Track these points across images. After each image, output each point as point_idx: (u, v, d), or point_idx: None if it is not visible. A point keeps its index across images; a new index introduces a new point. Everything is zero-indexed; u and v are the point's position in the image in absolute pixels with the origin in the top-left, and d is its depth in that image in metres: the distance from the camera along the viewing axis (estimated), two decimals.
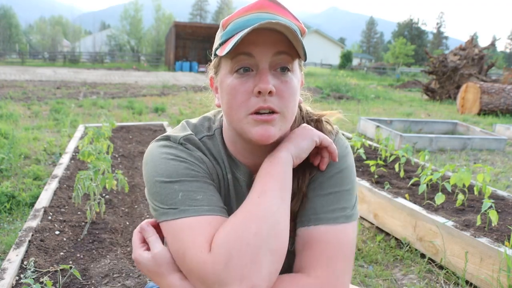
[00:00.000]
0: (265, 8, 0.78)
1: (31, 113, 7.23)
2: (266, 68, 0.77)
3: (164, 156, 0.83)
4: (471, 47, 13.82)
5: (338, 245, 0.80)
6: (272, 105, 0.77)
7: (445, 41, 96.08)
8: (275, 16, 0.78)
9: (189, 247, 0.74)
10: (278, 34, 0.76)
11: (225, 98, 0.81)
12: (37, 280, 1.82)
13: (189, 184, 0.80)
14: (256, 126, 0.78)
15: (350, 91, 14.05)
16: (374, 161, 3.44)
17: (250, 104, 0.77)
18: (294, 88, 0.81)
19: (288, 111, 0.80)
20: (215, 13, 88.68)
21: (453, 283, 2.15)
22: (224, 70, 0.82)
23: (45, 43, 52.61)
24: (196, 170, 0.82)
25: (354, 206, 0.88)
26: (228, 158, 0.91)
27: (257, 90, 0.76)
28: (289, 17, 0.81)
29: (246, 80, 0.78)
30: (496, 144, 5.79)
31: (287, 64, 0.79)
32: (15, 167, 3.81)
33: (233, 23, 0.79)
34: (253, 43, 0.76)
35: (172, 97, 11.04)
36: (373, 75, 29.82)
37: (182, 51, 33.00)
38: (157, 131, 5.30)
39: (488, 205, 2.28)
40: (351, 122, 7.58)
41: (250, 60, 0.77)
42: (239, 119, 0.79)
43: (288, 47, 0.77)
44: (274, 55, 0.77)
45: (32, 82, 13.94)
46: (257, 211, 0.74)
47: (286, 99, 0.79)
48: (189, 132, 0.90)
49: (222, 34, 0.81)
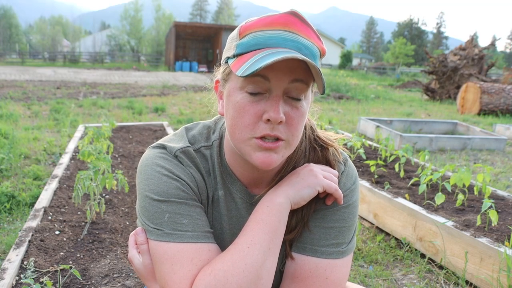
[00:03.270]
0: (288, 26, 0.73)
1: (31, 113, 7.23)
2: (280, 95, 0.74)
3: (158, 170, 0.82)
4: (471, 47, 13.82)
5: (326, 283, 0.83)
6: (279, 133, 0.75)
7: (445, 41, 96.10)
8: (298, 37, 0.73)
9: (169, 280, 0.76)
10: (298, 61, 0.72)
11: (230, 113, 0.78)
12: (37, 280, 1.82)
13: (176, 206, 0.80)
14: (258, 151, 0.76)
15: (350, 91, 14.06)
16: (374, 161, 3.44)
17: (256, 129, 0.75)
18: (304, 115, 0.78)
19: (294, 139, 0.78)
20: (215, 13, 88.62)
21: (453, 283, 2.15)
22: (234, 83, 0.78)
23: (45, 43, 52.59)
24: (186, 191, 0.82)
25: (351, 240, 0.89)
26: (223, 172, 0.89)
27: (267, 118, 0.73)
28: (313, 37, 0.76)
29: (257, 103, 0.74)
30: (496, 144, 5.79)
31: (301, 95, 0.76)
32: (15, 167, 3.81)
33: (252, 35, 0.74)
34: (271, 68, 0.72)
35: (172, 97, 11.04)
36: (373, 75, 29.83)
37: (182, 51, 33.03)
38: (157, 131, 5.30)
39: (488, 205, 2.27)
40: (351, 122, 7.58)
41: (264, 84, 0.74)
42: (242, 140, 0.77)
43: (306, 75, 0.74)
44: (290, 82, 0.74)
45: (32, 82, 13.94)
46: (242, 263, 0.73)
47: (294, 128, 0.76)
48: (186, 143, 0.88)
49: (238, 43, 0.76)
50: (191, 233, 0.78)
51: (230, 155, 0.88)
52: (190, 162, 0.86)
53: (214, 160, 0.89)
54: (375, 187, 2.94)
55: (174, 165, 0.83)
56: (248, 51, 0.74)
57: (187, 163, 0.85)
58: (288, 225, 0.86)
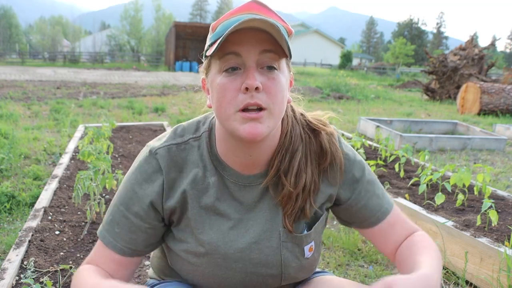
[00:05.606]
0: (252, 10, 0.81)
1: (31, 113, 7.23)
2: (253, 66, 0.79)
3: (133, 178, 0.92)
4: (471, 47, 13.82)
5: (405, 221, 1.02)
6: (259, 101, 0.79)
7: (445, 41, 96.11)
8: (262, 16, 0.80)
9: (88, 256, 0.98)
10: (264, 33, 0.78)
11: (215, 97, 0.83)
12: (37, 280, 1.82)
13: (121, 216, 0.92)
14: (244, 123, 0.80)
15: (350, 91, 14.05)
16: (374, 161, 3.44)
17: (238, 101, 0.79)
18: (281, 85, 0.82)
19: (275, 107, 0.81)
20: (215, 13, 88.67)
21: (453, 283, 2.15)
22: (213, 70, 0.84)
23: (45, 43, 52.58)
24: (140, 206, 0.91)
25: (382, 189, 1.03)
26: (214, 160, 0.93)
27: (244, 87, 0.78)
28: (276, 18, 0.83)
29: (235, 78, 0.80)
30: (496, 144, 5.79)
31: (273, 63, 0.81)
32: (15, 167, 3.81)
33: (221, 25, 0.82)
34: (240, 43, 0.78)
35: (172, 97, 11.04)
36: (373, 75, 29.82)
37: (182, 51, 33.00)
38: (157, 131, 5.31)
39: (488, 205, 2.27)
40: (351, 122, 7.58)
41: (237, 59, 0.79)
42: (228, 116, 0.81)
43: (274, 46, 0.79)
44: (261, 53, 0.79)
45: (32, 82, 13.94)
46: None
47: (273, 95, 0.80)
48: (169, 142, 0.94)
49: (211, 36, 0.84)
50: (112, 240, 0.93)
51: (221, 144, 0.92)
52: (168, 160, 0.92)
53: (204, 150, 0.93)
54: None
55: (145, 175, 0.91)
56: (218, 38, 0.80)
57: (159, 165, 0.91)
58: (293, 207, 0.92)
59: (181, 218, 0.94)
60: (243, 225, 0.94)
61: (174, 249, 0.96)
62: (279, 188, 0.93)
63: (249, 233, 0.94)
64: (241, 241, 0.93)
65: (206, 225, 0.93)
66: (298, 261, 0.96)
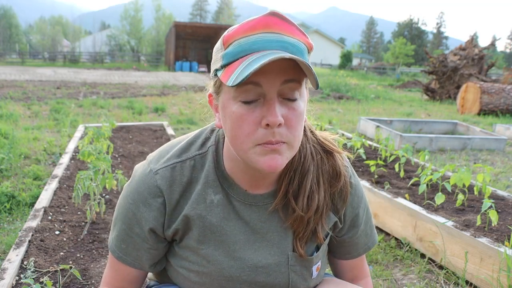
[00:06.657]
0: (270, 27, 0.72)
1: (31, 113, 7.23)
2: (275, 97, 0.73)
3: (131, 198, 0.90)
4: (471, 47, 13.82)
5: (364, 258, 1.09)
6: (280, 138, 0.74)
7: (445, 41, 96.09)
8: (282, 36, 0.72)
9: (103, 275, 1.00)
10: (287, 60, 0.71)
11: (229, 125, 0.77)
12: (37, 280, 1.82)
13: (125, 234, 0.92)
14: (264, 156, 0.75)
15: (350, 91, 14.05)
16: (374, 161, 3.44)
17: (257, 136, 0.74)
18: (302, 114, 0.77)
19: (295, 140, 0.77)
20: (215, 13, 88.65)
21: (453, 283, 2.15)
22: (227, 94, 0.76)
23: (45, 43, 52.56)
24: (140, 229, 0.90)
25: None
26: (220, 177, 0.89)
27: (266, 123, 0.72)
28: (297, 34, 0.75)
29: (253, 110, 0.73)
30: (496, 144, 5.79)
31: (295, 94, 0.75)
32: (15, 167, 3.81)
33: (236, 43, 0.73)
34: (261, 72, 0.70)
35: (172, 97, 11.04)
36: (373, 75, 29.81)
37: (182, 51, 33.01)
38: (157, 131, 5.30)
39: (488, 205, 2.27)
40: (351, 122, 7.58)
41: (257, 90, 0.72)
42: (245, 149, 0.76)
43: (297, 73, 0.73)
44: (282, 83, 0.73)
45: (32, 82, 13.94)
46: None
47: (294, 128, 0.75)
48: (172, 160, 0.89)
49: (224, 54, 0.74)
50: (122, 255, 0.93)
51: (229, 161, 0.88)
52: (169, 181, 0.88)
53: (210, 166, 0.89)
54: (375, 187, 2.94)
55: (144, 199, 0.88)
56: (235, 60, 0.72)
57: (159, 189, 0.87)
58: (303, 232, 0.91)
59: (184, 236, 0.91)
60: (249, 247, 0.90)
61: (175, 265, 0.94)
62: (290, 211, 0.89)
63: (256, 255, 0.90)
64: (247, 264, 0.90)
65: (211, 245, 0.89)
66: (305, 282, 0.94)
